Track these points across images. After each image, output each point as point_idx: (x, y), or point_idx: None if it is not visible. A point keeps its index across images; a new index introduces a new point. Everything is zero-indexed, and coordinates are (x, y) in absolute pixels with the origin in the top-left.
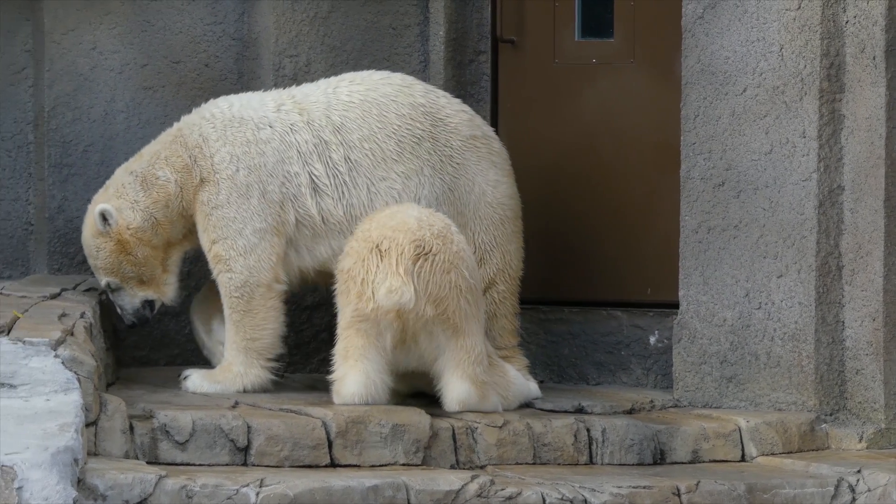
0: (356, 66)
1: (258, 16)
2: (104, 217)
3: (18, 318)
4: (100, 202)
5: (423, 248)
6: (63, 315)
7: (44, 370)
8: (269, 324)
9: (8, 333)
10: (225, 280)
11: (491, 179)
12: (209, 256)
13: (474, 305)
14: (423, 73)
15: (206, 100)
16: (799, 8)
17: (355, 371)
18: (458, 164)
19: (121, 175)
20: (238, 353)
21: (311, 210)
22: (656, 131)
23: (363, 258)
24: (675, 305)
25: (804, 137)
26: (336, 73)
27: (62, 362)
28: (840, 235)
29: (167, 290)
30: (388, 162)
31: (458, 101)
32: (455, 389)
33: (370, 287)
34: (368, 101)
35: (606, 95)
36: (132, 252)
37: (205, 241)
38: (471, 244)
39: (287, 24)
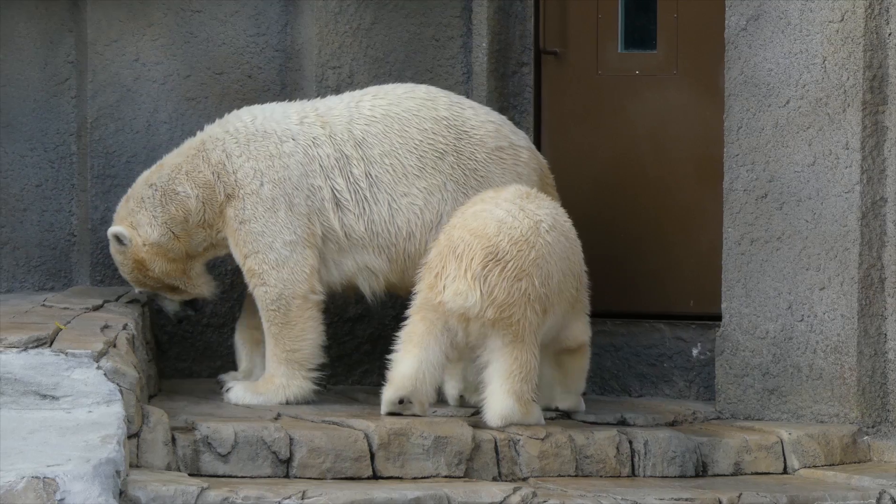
0: (399, 78)
1: (301, 27)
2: (118, 239)
3: (61, 329)
4: (120, 215)
5: (496, 255)
6: (106, 327)
7: (86, 382)
8: (308, 334)
9: (50, 345)
10: (261, 294)
11: None
12: (244, 271)
13: (541, 314)
14: (465, 84)
15: None
16: (842, 20)
17: (410, 357)
18: (482, 177)
19: (141, 187)
20: (279, 365)
21: (335, 224)
22: (699, 143)
23: (441, 254)
24: (718, 317)
25: (847, 149)
26: (379, 84)
27: (104, 374)
28: (883, 247)
29: (200, 291)
30: (409, 178)
31: (485, 110)
32: (499, 404)
33: (441, 283)
34: (390, 116)
35: (649, 107)
36: (150, 267)
37: (238, 256)
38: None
39: (330, 35)
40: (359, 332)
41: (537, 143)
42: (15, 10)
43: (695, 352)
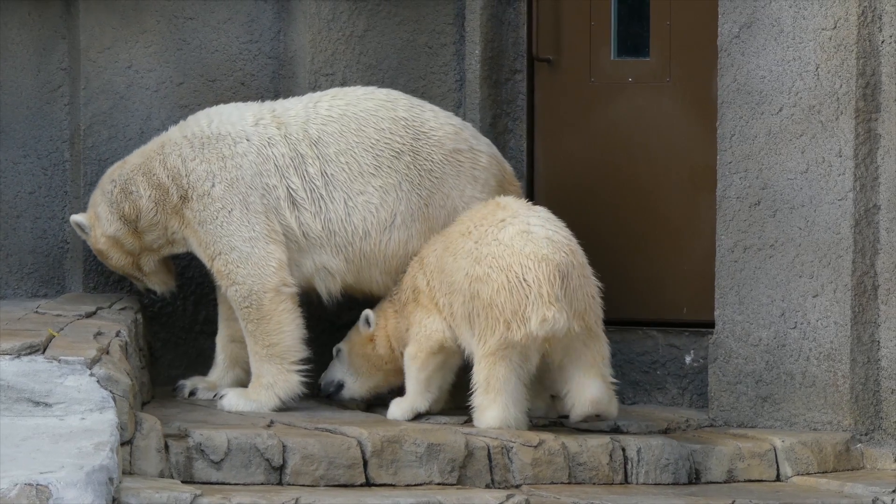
0: (392, 85)
1: (294, 34)
2: (80, 227)
3: (54, 336)
4: (90, 203)
5: (563, 271)
6: (98, 334)
7: (79, 389)
8: (285, 327)
9: (43, 352)
10: (233, 294)
11: (466, 195)
12: (214, 275)
13: (600, 302)
14: (458, 91)
15: None
16: (835, 27)
17: (496, 406)
18: (437, 178)
19: (105, 180)
20: (262, 364)
21: (292, 223)
22: (692, 150)
23: (508, 289)
24: (711, 325)
25: (840, 157)
26: None
27: (97, 381)
28: (876, 255)
29: (153, 286)
30: (365, 176)
31: (447, 114)
32: (589, 389)
33: (520, 317)
34: (347, 116)
35: (642, 114)
36: (108, 257)
37: (205, 260)
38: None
39: (323, 42)
40: None
41: (530, 150)
42: (8, 16)
43: (688, 359)
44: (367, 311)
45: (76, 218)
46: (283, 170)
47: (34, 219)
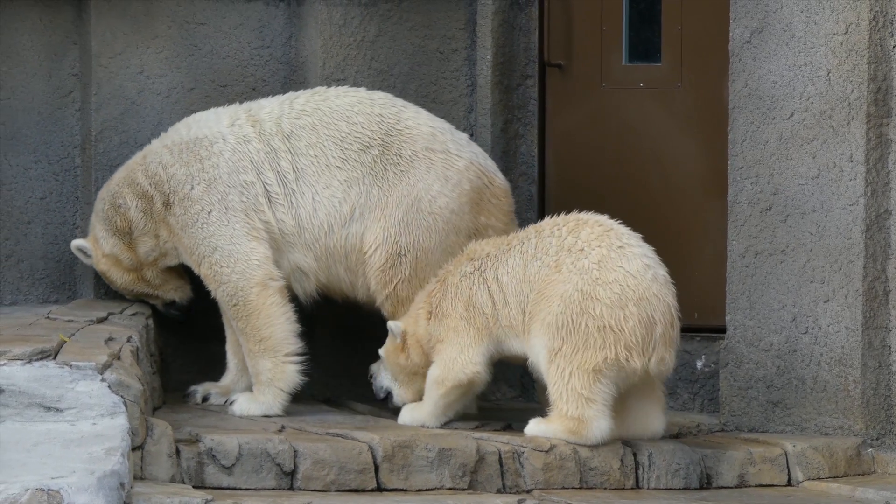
0: (403, 90)
1: (306, 40)
2: (83, 252)
3: (65, 342)
4: (90, 228)
5: (677, 316)
6: (110, 339)
7: (90, 394)
8: (274, 320)
9: (55, 357)
10: (221, 294)
11: (433, 191)
12: (203, 280)
13: None
14: (469, 97)
15: None
16: (846, 32)
17: (604, 418)
18: (402, 171)
19: (98, 200)
20: (258, 360)
21: (270, 219)
22: (703, 156)
23: (635, 321)
24: (722, 330)
25: (851, 162)
26: None
27: (109, 386)
28: (887, 260)
29: (169, 296)
30: (331, 169)
31: (430, 116)
32: (655, 423)
33: (642, 349)
34: (321, 110)
35: (653, 120)
36: (111, 278)
37: (193, 266)
38: (388, 245)
39: (334, 48)
40: (366, 346)
41: (541, 155)
42: (19, 22)
43: (699, 364)
44: (392, 323)
45: (77, 243)
46: (259, 165)
47: (45, 224)
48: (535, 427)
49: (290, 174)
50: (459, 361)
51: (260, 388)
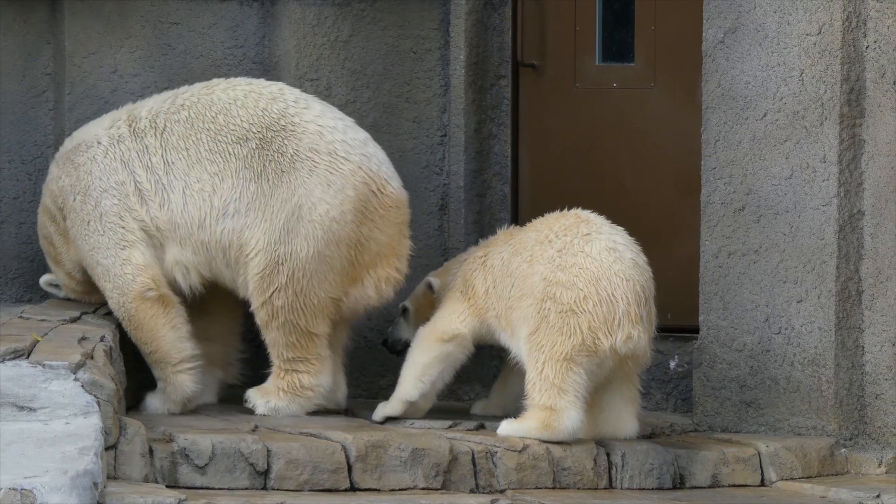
0: (377, 90)
1: (279, 39)
2: (52, 285)
3: (38, 341)
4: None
5: (647, 296)
6: (83, 338)
7: (63, 393)
8: (157, 332)
9: (28, 357)
10: (111, 307)
11: (315, 196)
12: None
13: None
14: (443, 96)
15: None
16: (819, 33)
17: (576, 409)
18: (282, 170)
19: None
20: (155, 370)
21: (145, 218)
22: (677, 155)
23: (596, 300)
24: (696, 330)
25: (824, 162)
26: (357, 97)
27: (82, 386)
28: (860, 260)
29: None
30: (202, 162)
31: (326, 114)
32: (628, 426)
33: (606, 329)
34: (202, 103)
35: (627, 120)
36: (91, 299)
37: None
38: (268, 252)
39: (308, 47)
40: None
41: (515, 155)
42: None
43: (672, 364)
44: (430, 277)
45: (45, 279)
46: (129, 163)
47: (19, 224)
48: (507, 427)
49: (161, 169)
50: (446, 319)
51: (162, 395)
